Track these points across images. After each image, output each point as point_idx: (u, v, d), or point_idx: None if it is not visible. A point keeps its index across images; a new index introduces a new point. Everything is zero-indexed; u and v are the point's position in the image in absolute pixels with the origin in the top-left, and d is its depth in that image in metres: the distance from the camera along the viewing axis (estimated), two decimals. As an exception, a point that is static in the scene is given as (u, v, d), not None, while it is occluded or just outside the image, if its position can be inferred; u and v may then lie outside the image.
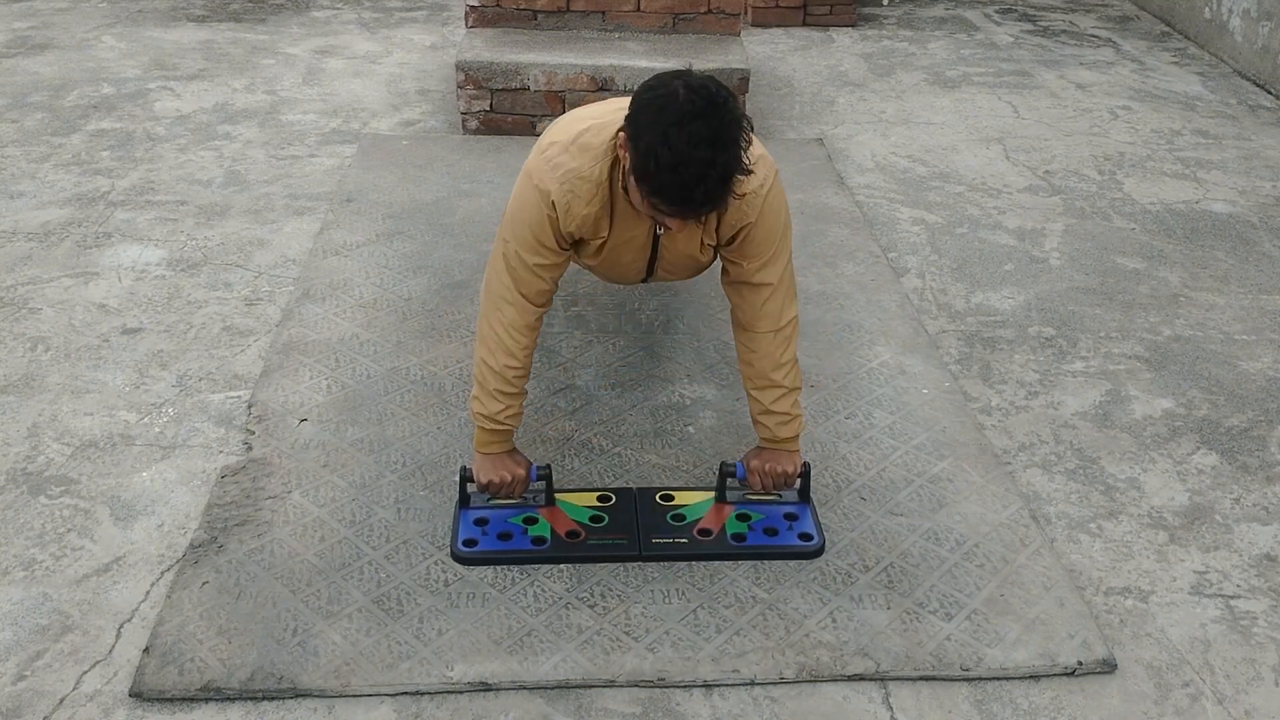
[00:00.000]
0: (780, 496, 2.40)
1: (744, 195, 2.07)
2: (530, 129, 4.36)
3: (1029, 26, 6.21)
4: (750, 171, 1.93)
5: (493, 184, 3.93)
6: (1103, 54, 5.75)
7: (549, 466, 2.35)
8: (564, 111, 4.31)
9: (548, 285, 2.25)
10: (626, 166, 1.95)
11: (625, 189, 2.06)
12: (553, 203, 2.11)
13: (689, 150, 1.81)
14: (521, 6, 4.52)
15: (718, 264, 2.37)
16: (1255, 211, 3.99)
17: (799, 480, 2.38)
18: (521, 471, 2.31)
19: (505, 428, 2.29)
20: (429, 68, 5.16)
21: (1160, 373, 3.02)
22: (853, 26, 6.07)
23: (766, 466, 2.32)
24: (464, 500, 2.36)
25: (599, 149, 2.09)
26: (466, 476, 2.33)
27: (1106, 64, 5.59)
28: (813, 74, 5.31)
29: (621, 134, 1.95)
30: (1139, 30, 6.21)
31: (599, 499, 2.41)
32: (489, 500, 2.36)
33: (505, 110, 4.34)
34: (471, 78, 4.27)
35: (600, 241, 2.21)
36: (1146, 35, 6.11)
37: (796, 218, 3.74)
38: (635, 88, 4.62)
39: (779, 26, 6.03)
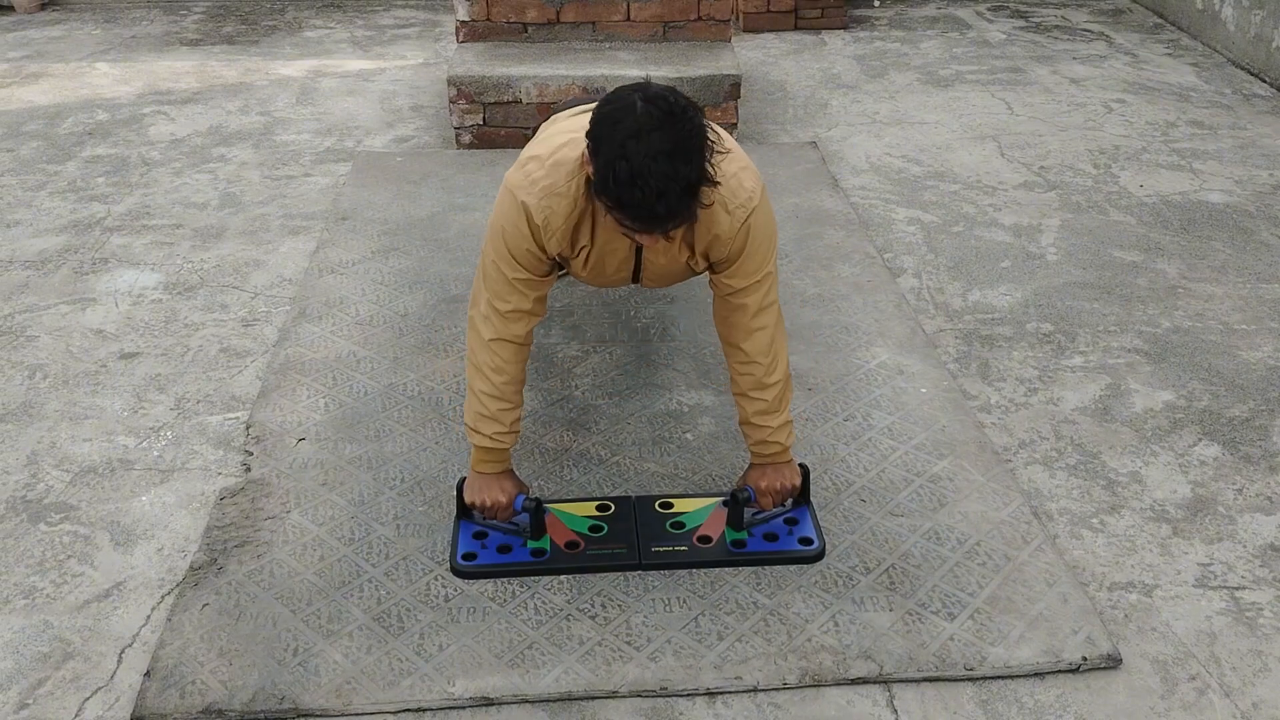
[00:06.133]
0: (786, 506, 2.39)
1: (711, 205, 1.99)
2: (523, 141, 4.35)
3: (1021, 23, 6.21)
4: (716, 182, 1.87)
5: (487, 198, 3.93)
6: (1096, 48, 5.75)
7: (537, 501, 2.27)
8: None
9: (528, 303, 2.18)
10: (590, 179, 1.91)
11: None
12: (531, 218, 2.07)
13: (647, 163, 1.76)
14: (512, 20, 4.54)
15: None
16: (1252, 200, 3.98)
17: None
18: (503, 499, 2.26)
19: (498, 446, 2.25)
20: (422, 84, 5.17)
21: (1160, 365, 3.00)
22: (844, 29, 6.08)
23: (778, 485, 2.29)
24: (461, 511, 2.35)
25: (573, 164, 2.04)
26: (461, 488, 2.33)
27: (1100, 58, 5.59)
28: (805, 77, 5.31)
29: (586, 148, 1.91)
30: (1131, 23, 6.20)
31: (598, 508, 2.40)
32: (480, 518, 2.35)
33: (498, 124, 4.35)
34: (464, 92, 4.28)
35: (584, 254, 2.17)
36: (1139, 28, 6.11)
37: (792, 221, 3.75)
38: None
39: (770, 31, 6.03)
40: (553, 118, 2.51)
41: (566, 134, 2.12)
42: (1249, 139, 4.51)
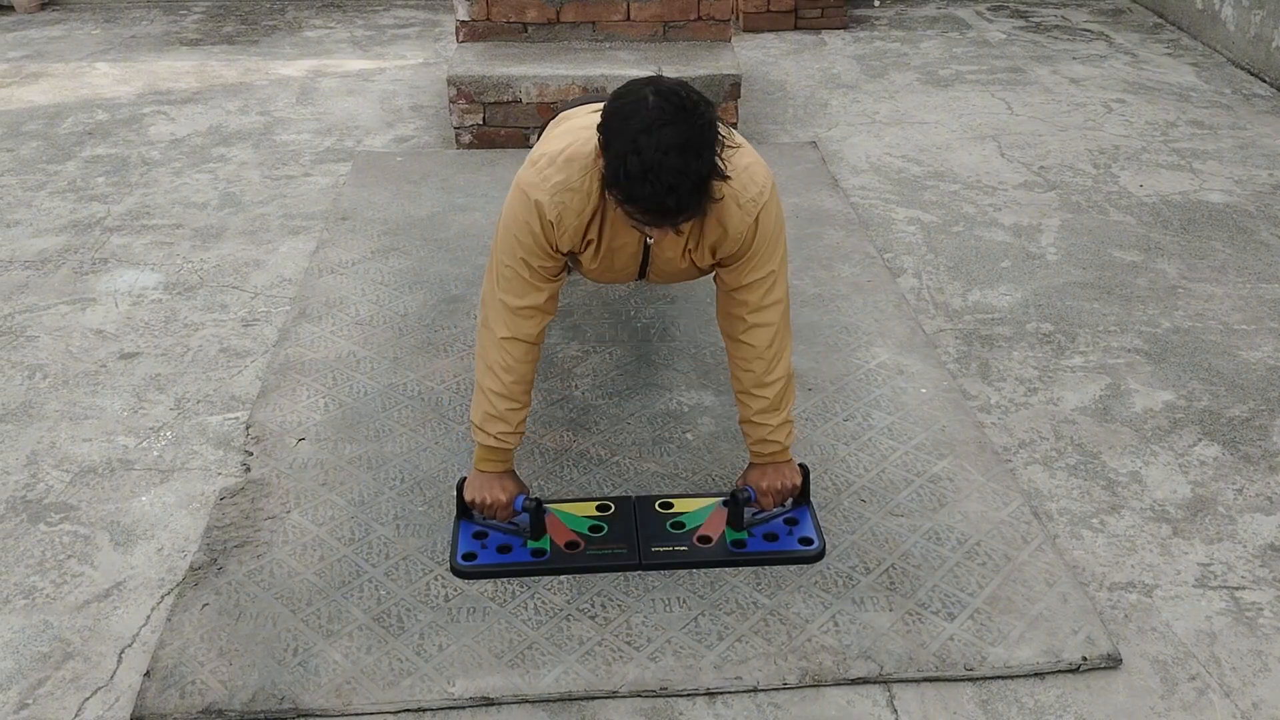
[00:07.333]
0: (785, 506, 2.39)
1: (721, 199, 1.98)
2: (523, 141, 4.36)
3: (1021, 23, 6.21)
4: (727, 176, 1.88)
5: (487, 198, 3.94)
6: (1096, 48, 5.75)
7: (537, 501, 2.27)
8: (556, 122, 4.32)
9: (541, 300, 2.18)
10: (603, 174, 1.91)
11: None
12: (544, 215, 2.08)
13: (659, 157, 1.77)
14: (512, 19, 4.54)
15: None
16: (1252, 200, 3.97)
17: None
18: (503, 498, 2.27)
19: (501, 446, 2.26)
20: (422, 83, 5.17)
21: (1160, 365, 3.00)
22: (844, 29, 6.08)
23: (778, 485, 2.29)
24: (461, 510, 2.35)
25: (585, 159, 2.05)
26: (461, 488, 2.33)
27: (1100, 58, 5.59)
28: (805, 77, 5.31)
29: (598, 141, 1.92)
30: (1131, 23, 6.20)
31: (598, 508, 2.40)
32: (480, 517, 2.35)
33: (498, 123, 4.34)
34: (464, 92, 4.28)
35: (592, 248, 2.17)
36: (1139, 28, 6.11)
37: (792, 222, 3.75)
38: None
39: (770, 31, 6.03)
40: (560, 116, 2.51)
41: (579, 130, 2.12)
42: (1249, 139, 4.51)
